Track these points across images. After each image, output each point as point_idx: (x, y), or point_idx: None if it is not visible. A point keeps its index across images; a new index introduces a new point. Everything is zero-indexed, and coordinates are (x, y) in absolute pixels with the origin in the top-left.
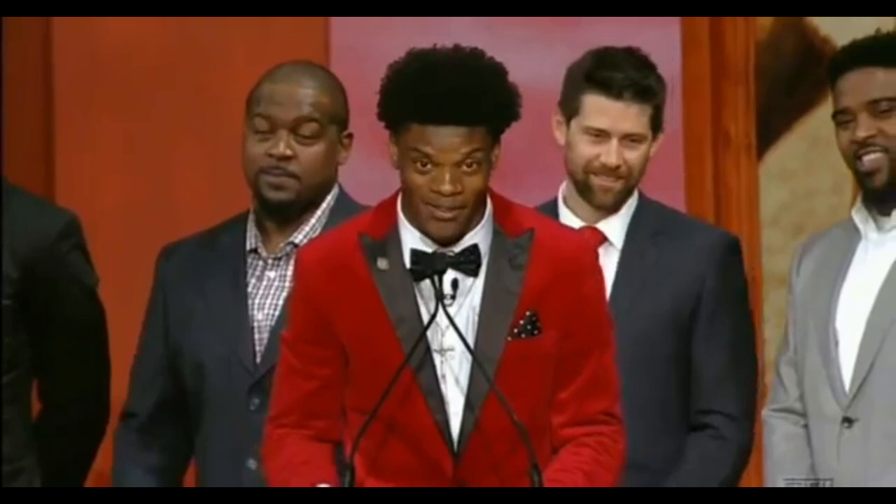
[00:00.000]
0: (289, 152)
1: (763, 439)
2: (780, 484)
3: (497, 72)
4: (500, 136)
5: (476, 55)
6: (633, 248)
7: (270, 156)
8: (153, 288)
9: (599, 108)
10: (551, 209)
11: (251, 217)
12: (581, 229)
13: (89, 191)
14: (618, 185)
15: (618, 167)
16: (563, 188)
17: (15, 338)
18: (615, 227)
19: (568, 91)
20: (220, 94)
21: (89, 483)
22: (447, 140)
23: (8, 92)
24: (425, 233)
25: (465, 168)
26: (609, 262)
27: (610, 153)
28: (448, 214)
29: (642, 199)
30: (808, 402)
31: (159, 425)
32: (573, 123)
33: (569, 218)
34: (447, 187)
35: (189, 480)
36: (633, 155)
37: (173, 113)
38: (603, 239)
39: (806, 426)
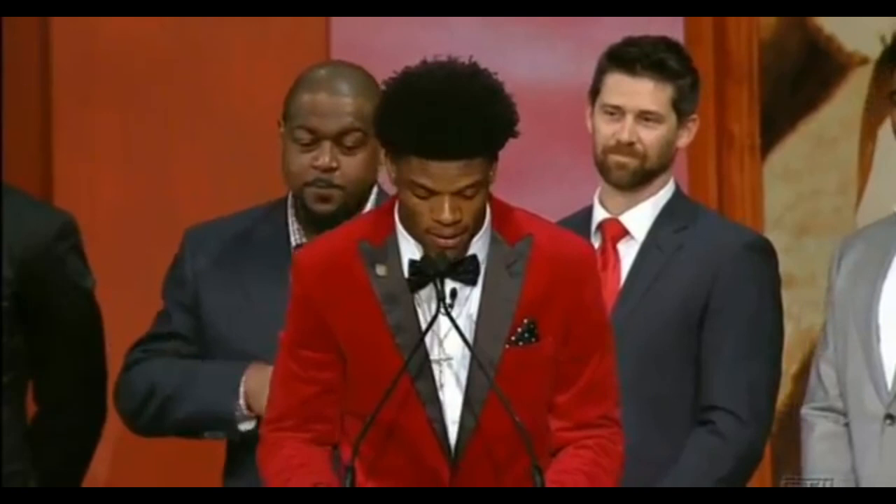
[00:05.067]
0: (334, 164)
1: (802, 437)
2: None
3: (493, 95)
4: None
5: (472, 78)
6: (654, 242)
7: (315, 167)
8: (178, 270)
9: (616, 85)
10: (587, 210)
11: (290, 210)
12: (602, 222)
13: (87, 190)
14: (633, 164)
15: (631, 143)
16: (600, 185)
17: (11, 339)
18: (639, 219)
19: (595, 76)
20: (220, 93)
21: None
22: (446, 172)
23: (6, 91)
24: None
25: (464, 194)
26: (629, 253)
27: (623, 129)
28: (450, 242)
29: (678, 194)
30: (849, 400)
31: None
32: (596, 106)
33: (598, 211)
34: (447, 216)
35: (197, 471)
36: (650, 134)
37: (172, 112)
38: (624, 232)
39: (847, 425)
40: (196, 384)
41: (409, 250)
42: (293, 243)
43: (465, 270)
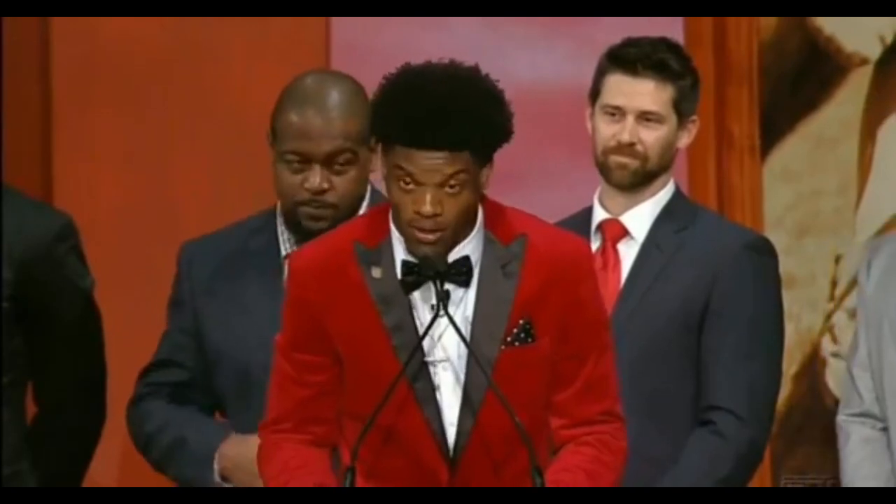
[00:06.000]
0: (326, 185)
1: (839, 445)
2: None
3: (489, 95)
4: (491, 157)
5: (470, 76)
6: (654, 242)
7: (307, 189)
8: (176, 289)
9: (617, 86)
10: (587, 211)
11: (280, 220)
12: (602, 222)
13: (87, 191)
14: (634, 164)
15: (632, 144)
16: (600, 186)
17: (11, 340)
18: (639, 220)
19: (594, 77)
20: (220, 94)
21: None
22: (430, 162)
23: (6, 91)
24: (412, 251)
25: (447, 189)
26: (629, 254)
27: (624, 130)
28: (430, 236)
29: (678, 194)
30: (888, 404)
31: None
32: (596, 107)
33: (598, 212)
34: (427, 208)
35: None
36: (650, 135)
37: (172, 113)
38: (624, 232)
39: (884, 429)
40: (181, 457)
41: (403, 252)
42: (283, 252)
43: (458, 272)
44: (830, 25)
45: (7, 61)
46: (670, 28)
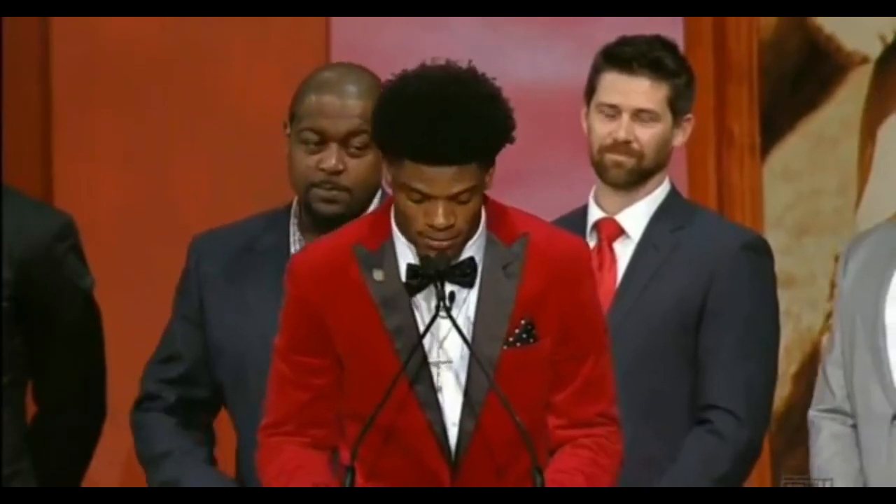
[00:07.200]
0: (340, 166)
1: (809, 440)
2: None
3: (489, 101)
4: (495, 158)
5: (468, 83)
6: (650, 241)
7: (322, 170)
8: (184, 281)
9: (613, 84)
10: (583, 210)
11: (293, 220)
12: (598, 221)
13: (87, 190)
14: (630, 162)
15: (628, 142)
16: (596, 185)
17: (11, 340)
18: (635, 219)
19: (590, 76)
20: (220, 94)
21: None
22: (439, 177)
23: (6, 91)
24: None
25: (459, 199)
26: (625, 253)
27: (620, 128)
28: (444, 244)
29: (673, 193)
30: (857, 401)
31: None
32: (591, 105)
33: (594, 211)
34: (441, 220)
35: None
36: (646, 133)
37: (172, 113)
38: (620, 231)
39: (854, 426)
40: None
41: (406, 254)
42: (293, 251)
43: (462, 273)
44: (830, 24)
45: (7, 61)
46: (670, 28)
